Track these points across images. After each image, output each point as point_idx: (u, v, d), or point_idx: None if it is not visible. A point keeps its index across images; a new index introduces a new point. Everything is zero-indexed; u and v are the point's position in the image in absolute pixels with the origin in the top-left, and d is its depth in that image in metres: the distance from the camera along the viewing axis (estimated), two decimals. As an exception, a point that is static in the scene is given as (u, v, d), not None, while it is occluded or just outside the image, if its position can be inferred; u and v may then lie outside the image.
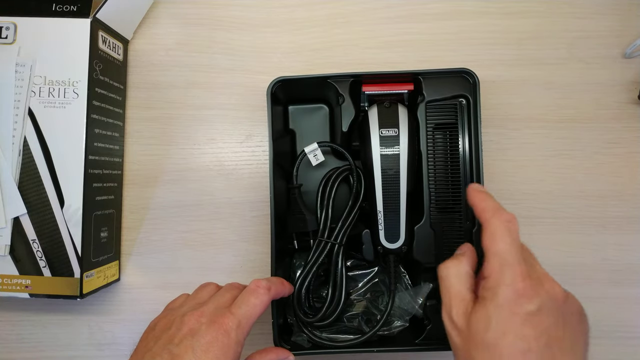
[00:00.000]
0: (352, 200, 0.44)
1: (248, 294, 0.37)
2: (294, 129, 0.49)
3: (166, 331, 0.35)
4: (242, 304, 0.36)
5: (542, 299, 0.30)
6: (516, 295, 0.30)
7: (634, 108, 0.49)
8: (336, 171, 0.46)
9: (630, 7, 0.50)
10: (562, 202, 0.49)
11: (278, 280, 0.40)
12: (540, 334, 0.29)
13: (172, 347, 0.33)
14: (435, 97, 0.44)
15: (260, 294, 0.37)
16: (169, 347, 0.33)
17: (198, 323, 0.34)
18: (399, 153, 0.42)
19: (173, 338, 0.34)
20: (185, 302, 0.38)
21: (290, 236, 0.46)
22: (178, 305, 0.39)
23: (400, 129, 0.43)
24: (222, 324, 0.34)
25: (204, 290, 0.40)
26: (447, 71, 0.44)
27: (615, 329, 0.48)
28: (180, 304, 0.38)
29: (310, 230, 0.45)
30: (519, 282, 0.30)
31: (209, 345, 0.33)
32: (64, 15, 0.43)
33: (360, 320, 0.44)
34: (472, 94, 0.43)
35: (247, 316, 0.35)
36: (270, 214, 0.43)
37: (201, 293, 0.39)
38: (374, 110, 0.44)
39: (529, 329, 0.29)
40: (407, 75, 0.44)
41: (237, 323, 0.34)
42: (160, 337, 0.35)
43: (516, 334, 0.29)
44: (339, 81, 0.44)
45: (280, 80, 0.43)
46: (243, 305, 0.36)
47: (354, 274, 0.46)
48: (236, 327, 0.34)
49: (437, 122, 0.44)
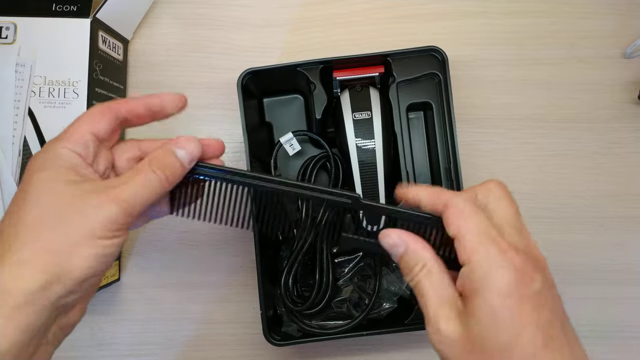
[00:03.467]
0: (332, 186, 0.45)
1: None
2: (271, 121, 0.49)
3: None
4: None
5: (539, 272, 0.25)
6: (519, 276, 0.25)
7: (634, 108, 0.49)
8: (313, 159, 0.46)
9: (630, 7, 0.50)
10: (562, 202, 0.49)
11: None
12: (553, 314, 0.25)
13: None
14: (405, 77, 0.44)
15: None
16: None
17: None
18: (373, 135, 0.43)
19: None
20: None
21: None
22: None
23: (372, 111, 0.43)
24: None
25: None
26: (416, 50, 0.44)
27: (615, 329, 0.48)
28: None
29: (293, 220, 0.45)
30: (513, 258, 0.25)
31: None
32: (64, 15, 0.43)
33: (349, 305, 0.45)
34: (442, 71, 0.44)
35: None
36: (251, 207, 0.43)
37: None
38: (346, 95, 0.44)
39: (546, 312, 0.24)
40: (376, 58, 0.44)
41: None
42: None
43: (533, 324, 0.24)
44: (309, 69, 0.44)
45: (250, 72, 0.43)
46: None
47: (340, 259, 0.47)
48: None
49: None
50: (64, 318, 0.27)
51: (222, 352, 0.48)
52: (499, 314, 0.24)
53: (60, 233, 0.25)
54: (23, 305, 0.24)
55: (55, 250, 0.25)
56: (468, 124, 0.49)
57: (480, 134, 0.49)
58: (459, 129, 0.44)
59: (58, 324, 0.27)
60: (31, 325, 0.24)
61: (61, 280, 0.25)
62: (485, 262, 0.25)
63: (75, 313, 0.28)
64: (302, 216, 0.44)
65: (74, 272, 0.25)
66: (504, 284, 0.24)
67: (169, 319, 0.49)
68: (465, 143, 0.48)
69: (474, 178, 0.49)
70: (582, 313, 0.48)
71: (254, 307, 0.45)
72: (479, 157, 0.49)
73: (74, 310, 0.28)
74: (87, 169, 0.28)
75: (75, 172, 0.27)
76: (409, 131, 0.45)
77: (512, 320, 0.24)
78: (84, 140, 0.28)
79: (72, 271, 0.25)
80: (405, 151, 0.44)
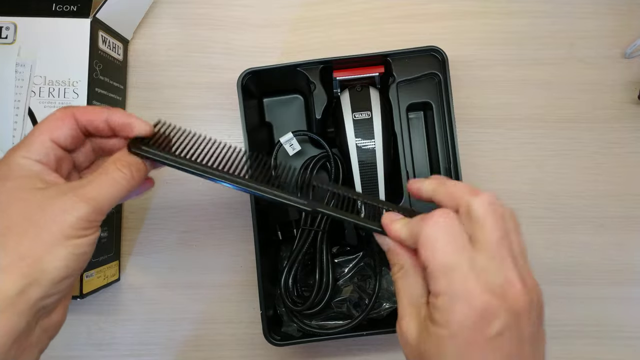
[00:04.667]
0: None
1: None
2: (271, 121, 0.49)
3: None
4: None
5: (504, 316, 0.24)
6: (474, 319, 0.24)
7: (634, 108, 0.49)
8: (314, 159, 0.46)
9: (630, 7, 0.50)
10: (562, 202, 0.49)
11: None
12: (515, 356, 0.25)
13: None
14: (405, 77, 0.44)
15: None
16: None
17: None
18: (373, 135, 0.43)
19: None
20: None
21: (273, 228, 0.46)
22: None
23: (373, 111, 0.43)
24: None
25: None
26: (416, 50, 0.44)
27: (615, 329, 0.48)
28: None
29: (293, 220, 0.45)
30: (476, 301, 0.24)
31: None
32: (64, 15, 0.43)
33: (349, 305, 0.45)
34: (442, 71, 0.44)
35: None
36: (251, 206, 0.43)
37: None
38: (346, 94, 0.44)
39: (490, 357, 0.24)
40: (376, 58, 0.44)
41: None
42: None
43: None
44: (309, 69, 0.44)
45: (250, 72, 0.43)
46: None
47: (340, 259, 0.47)
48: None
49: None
50: (47, 320, 0.28)
51: (222, 352, 0.48)
52: (445, 348, 0.25)
53: (32, 237, 0.25)
54: (2, 310, 0.24)
55: (30, 255, 0.25)
56: (468, 124, 0.49)
57: (480, 134, 0.49)
58: (459, 129, 0.44)
59: (41, 326, 0.27)
60: (12, 330, 0.24)
61: (39, 282, 0.25)
62: (447, 302, 0.25)
63: (57, 314, 0.28)
64: (302, 216, 0.45)
65: (50, 274, 0.25)
66: (458, 326, 0.24)
67: (169, 319, 0.49)
68: (465, 143, 0.48)
69: (474, 178, 0.49)
70: (582, 313, 0.48)
71: (254, 307, 0.45)
72: (479, 157, 0.49)
73: (56, 311, 0.28)
74: (50, 175, 0.28)
75: (39, 179, 0.27)
76: (409, 131, 0.45)
77: (454, 358, 0.24)
78: (43, 149, 0.28)
79: (48, 273, 0.25)
80: (405, 151, 0.44)
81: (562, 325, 0.48)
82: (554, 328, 0.47)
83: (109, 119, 0.30)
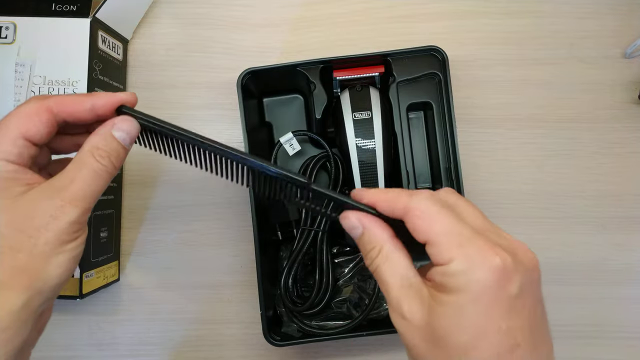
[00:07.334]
0: (332, 186, 0.45)
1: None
2: (271, 121, 0.49)
3: None
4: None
5: (522, 274, 0.24)
6: (496, 277, 0.23)
7: (634, 108, 0.49)
8: (313, 159, 0.46)
9: (630, 7, 0.50)
10: (562, 202, 0.49)
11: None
12: (525, 320, 0.24)
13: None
14: (405, 77, 0.44)
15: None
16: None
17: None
18: (373, 135, 0.43)
19: None
20: None
21: (273, 228, 0.46)
22: None
23: (373, 111, 0.43)
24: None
25: None
26: (416, 50, 0.44)
27: (615, 329, 0.48)
28: None
29: (293, 220, 0.45)
30: (494, 258, 0.23)
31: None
32: (64, 15, 0.43)
33: (349, 306, 0.45)
34: (442, 71, 0.44)
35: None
36: (251, 206, 0.43)
37: None
38: (346, 94, 0.44)
39: (515, 319, 0.23)
40: (376, 58, 0.44)
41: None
42: None
43: (500, 329, 0.23)
44: (309, 69, 0.44)
45: (250, 72, 0.43)
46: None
47: (340, 260, 0.47)
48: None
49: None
50: (40, 321, 0.28)
51: (221, 353, 0.48)
52: (466, 314, 0.23)
53: (29, 250, 0.25)
54: (9, 327, 0.24)
55: (30, 268, 0.25)
56: (468, 124, 0.49)
57: (480, 134, 0.49)
58: (459, 129, 0.44)
59: (35, 327, 0.27)
60: (19, 343, 0.25)
61: (41, 292, 0.25)
62: (464, 265, 0.23)
63: (48, 311, 0.29)
64: (302, 217, 0.45)
65: (52, 281, 0.26)
66: (479, 286, 0.23)
67: (169, 319, 0.49)
68: (465, 143, 0.48)
69: (474, 178, 0.49)
70: (582, 313, 0.48)
71: (254, 307, 0.45)
72: (479, 157, 0.49)
73: (47, 310, 0.29)
74: (26, 173, 0.27)
75: (16, 181, 0.26)
76: (409, 131, 0.45)
77: (477, 322, 0.23)
78: (16, 148, 0.26)
79: (50, 281, 0.25)
80: (405, 151, 0.44)
81: (561, 325, 0.48)
82: (553, 328, 0.47)
83: (95, 105, 0.28)
